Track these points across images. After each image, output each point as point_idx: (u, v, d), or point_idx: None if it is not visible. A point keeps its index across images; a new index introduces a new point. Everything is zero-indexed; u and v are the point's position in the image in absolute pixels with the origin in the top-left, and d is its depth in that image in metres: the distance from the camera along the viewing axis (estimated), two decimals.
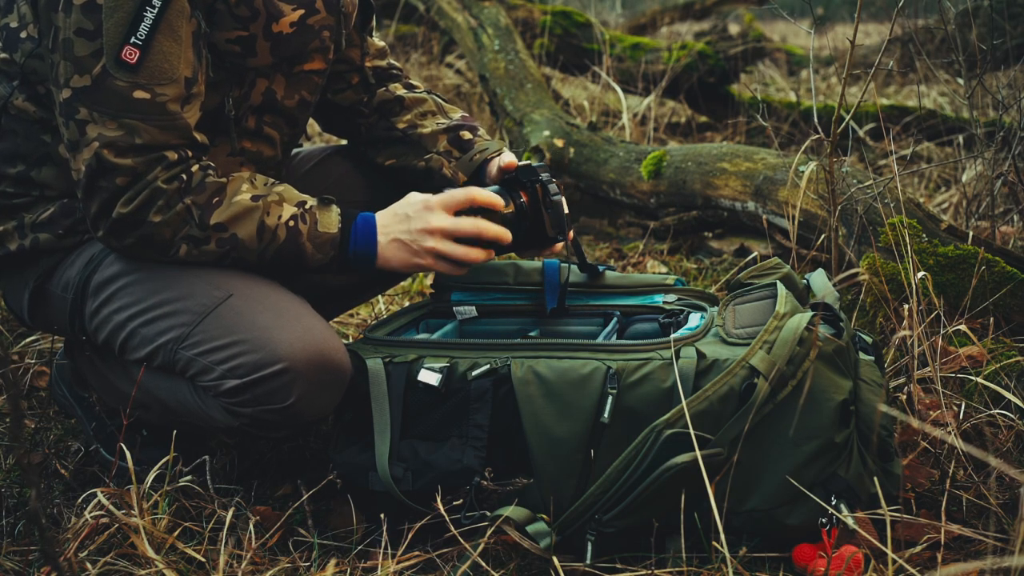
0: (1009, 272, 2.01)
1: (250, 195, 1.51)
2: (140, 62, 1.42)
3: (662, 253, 3.05)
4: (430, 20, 4.81)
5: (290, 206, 1.53)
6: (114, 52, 1.41)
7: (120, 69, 1.42)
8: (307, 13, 1.58)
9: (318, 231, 1.53)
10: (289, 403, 1.46)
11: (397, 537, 1.48)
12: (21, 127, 1.58)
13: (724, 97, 4.54)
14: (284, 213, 1.52)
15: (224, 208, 1.49)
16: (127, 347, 1.56)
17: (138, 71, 1.42)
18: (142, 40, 1.42)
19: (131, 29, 1.41)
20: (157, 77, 1.44)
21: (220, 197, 1.49)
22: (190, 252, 1.50)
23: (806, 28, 2.32)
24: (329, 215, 1.55)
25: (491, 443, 1.49)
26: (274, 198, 1.53)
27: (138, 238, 1.48)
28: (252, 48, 1.55)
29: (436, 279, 1.83)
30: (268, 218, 1.51)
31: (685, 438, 1.38)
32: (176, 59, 1.45)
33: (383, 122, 1.87)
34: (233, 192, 1.51)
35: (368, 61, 1.87)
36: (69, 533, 1.46)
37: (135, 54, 1.42)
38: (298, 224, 1.52)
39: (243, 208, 1.50)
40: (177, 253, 1.50)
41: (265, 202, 1.51)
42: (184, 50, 1.46)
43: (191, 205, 1.47)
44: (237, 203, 1.50)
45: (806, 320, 1.44)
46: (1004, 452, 1.68)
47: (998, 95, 2.79)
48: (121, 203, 1.45)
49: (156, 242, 1.49)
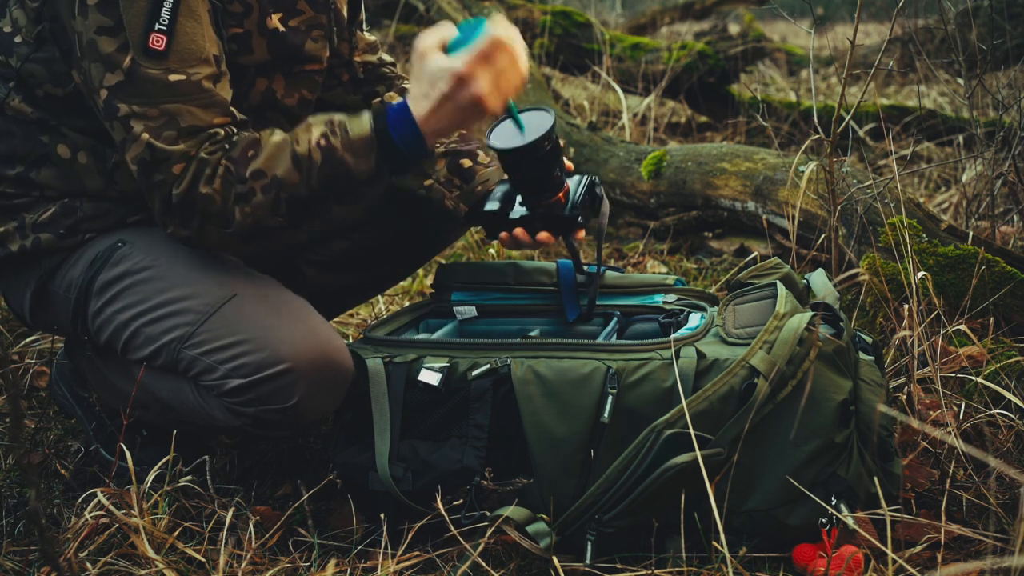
0: (1009, 272, 2.01)
1: (280, 136, 1.48)
2: (168, 47, 1.42)
3: (662, 253, 3.05)
4: (430, 20, 4.81)
5: (318, 126, 1.48)
6: (141, 42, 1.41)
7: (150, 58, 1.42)
8: (287, 15, 1.58)
9: (351, 138, 1.46)
10: (292, 403, 1.46)
11: (397, 537, 1.48)
12: (19, 128, 1.58)
13: (724, 97, 4.54)
14: (313, 135, 1.47)
15: (259, 156, 1.46)
16: (130, 346, 1.56)
17: (168, 56, 1.42)
18: (166, 25, 1.42)
19: (153, 16, 1.41)
20: (187, 59, 1.44)
21: (255, 149, 1.47)
22: (243, 212, 1.46)
23: (806, 28, 2.32)
24: (359, 120, 1.48)
25: (491, 443, 1.49)
26: (302, 127, 1.48)
27: (201, 216, 1.46)
28: (248, 45, 1.55)
29: (436, 279, 1.83)
30: (299, 147, 1.46)
31: (685, 438, 1.38)
32: (201, 39, 1.45)
33: None
34: (266, 139, 1.48)
35: (357, 56, 1.86)
36: (69, 533, 1.46)
37: (162, 40, 1.42)
38: (329, 140, 1.46)
39: (274, 147, 1.46)
40: (234, 218, 1.46)
41: (293, 133, 1.48)
42: (206, 29, 1.46)
43: (228, 164, 1.45)
44: (270, 145, 1.47)
45: (806, 320, 1.44)
46: (1004, 452, 1.68)
47: (998, 95, 2.79)
48: (173, 186, 1.44)
49: (212, 213, 1.46)
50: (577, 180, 1.67)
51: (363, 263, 1.94)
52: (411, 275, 2.85)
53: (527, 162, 1.54)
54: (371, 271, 1.97)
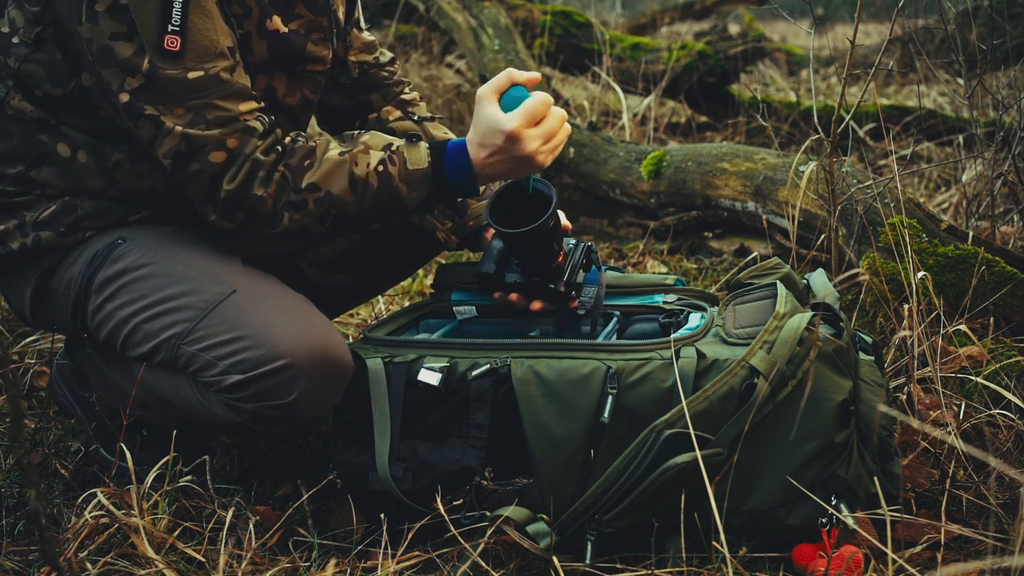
0: (1009, 272, 2.01)
1: (338, 151, 1.52)
2: (184, 47, 1.44)
3: (662, 253, 3.05)
4: (430, 20, 4.81)
5: (376, 151, 1.53)
6: (156, 44, 1.43)
7: (166, 59, 1.43)
8: (286, 18, 1.59)
9: (408, 170, 1.52)
10: (291, 399, 1.46)
11: (397, 537, 1.48)
12: (18, 127, 1.58)
13: (724, 97, 4.54)
14: (372, 160, 1.52)
15: (315, 168, 1.51)
16: (129, 343, 1.56)
17: (184, 56, 1.44)
18: (179, 25, 1.43)
19: (164, 18, 1.42)
20: (203, 56, 1.45)
21: (311, 159, 1.51)
22: (292, 218, 1.51)
23: (806, 28, 2.32)
24: (418, 151, 1.54)
25: (491, 443, 1.49)
26: (360, 148, 1.53)
27: (247, 213, 1.50)
28: (248, 46, 1.55)
29: (436, 279, 1.83)
30: (357, 168, 1.51)
31: (685, 438, 1.38)
32: (214, 33, 1.46)
33: None
34: (323, 152, 1.52)
35: (352, 55, 1.86)
36: (69, 533, 1.46)
37: (176, 41, 1.43)
38: (387, 168, 1.52)
39: (333, 164, 1.51)
40: (282, 222, 1.51)
41: (352, 154, 1.52)
42: (217, 22, 1.47)
43: (285, 172, 1.50)
44: (327, 160, 1.51)
45: (806, 320, 1.44)
46: (1004, 452, 1.68)
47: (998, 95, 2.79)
48: (226, 180, 1.48)
49: (262, 214, 1.51)
50: (574, 247, 1.69)
51: (363, 263, 1.94)
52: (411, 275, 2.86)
53: (528, 242, 1.57)
54: (371, 271, 1.97)
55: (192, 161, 1.46)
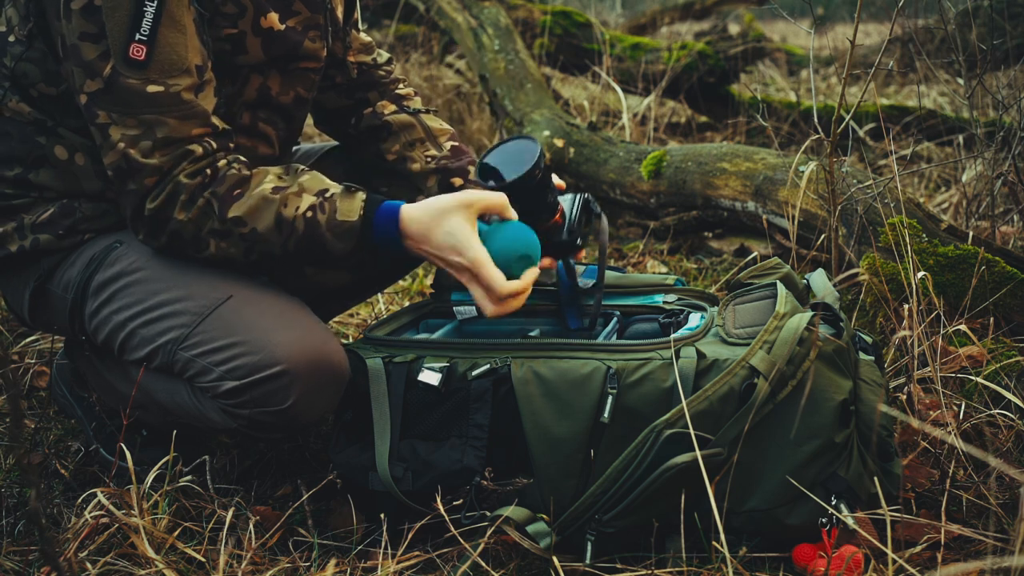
0: (1009, 272, 2.01)
1: (271, 186, 1.49)
2: (149, 57, 1.42)
3: (662, 253, 3.05)
4: (430, 20, 4.81)
5: (310, 196, 1.49)
6: (121, 51, 1.41)
7: (130, 67, 1.42)
8: (283, 15, 1.58)
9: (336, 220, 1.47)
10: (287, 405, 1.46)
11: (397, 537, 1.48)
12: (16, 130, 1.58)
13: (724, 97, 4.54)
14: (303, 204, 1.48)
15: (243, 201, 1.47)
16: (126, 347, 1.56)
17: (148, 67, 1.42)
18: (147, 35, 1.41)
19: (134, 26, 1.41)
20: (168, 70, 1.43)
21: (242, 189, 1.48)
22: (218, 246, 1.49)
23: (806, 28, 2.32)
24: (351, 202, 1.49)
25: (491, 443, 1.49)
26: (294, 189, 1.49)
27: (169, 235, 1.49)
28: (242, 45, 1.55)
29: (436, 279, 1.83)
30: (286, 210, 1.47)
31: (685, 438, 1.38)
32: (183, 49, 1.45)
33: (372, 147, 1.86)
34: (256, 184, 1.49)
35: (351, 56, 1.86)
36: (69, 533, 1.46)
37: (142, 50, 1.41)
38: (316, 215, 1.47)
39: (261, 200, 1.47)
40: (208, 250, 1.50)
41: (284, 194, 1.48)
42: (189, 39, 1.45)
43: (210, 198, 1.47)
44: (256, 195, 1.47)
45: (806, 320, 1.44)
46: (1004, 452, 1.68)
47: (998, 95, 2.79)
48: (148, 200, 1.46)
49: (186, 238, 1.49)
50: (571, 200, 1.68)
51: (363, 262, 1.94)
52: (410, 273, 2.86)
53: (518, 195, 1.54)
54: (370, 270, 1.97)
55: (130, 180, 1.45)
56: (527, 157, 1.54)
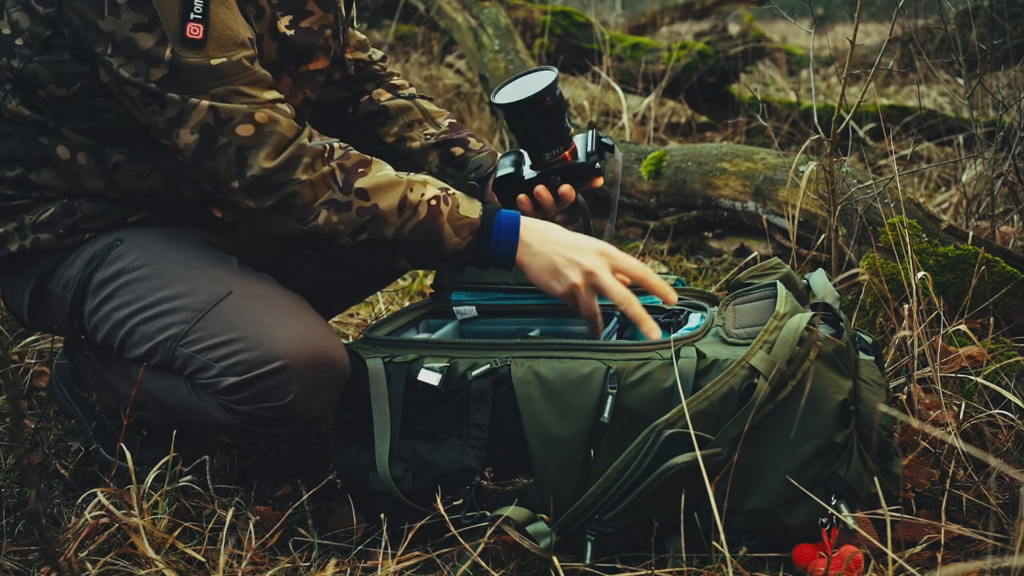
0: (1009, 272, 2.01)
1: (395, 171, 1.53)
2: (206, 35, 1.43)
3: (662, 253, 3.05)
4: (430, 20, 4.81)
5: (434, 187, 1.54)
6: (178, 33, 1.42)
7: (189, 47, 1.43)
8: (296, 17, 1.59)
9: (459, 214, 1.52)
10: (287, 401, 1.46)
11: (397, 537, 1.48)
12: (17, 130, 1.58)
13: (724, 97, 4.54)
14: (428, 192, 1.52)
15: (370, 176, 1.50)
16: (126, 345, 1.56)
17: (207, 44, 1.43)
18: (201, 14, 1.43)
19: (187, 7, 1.42)
20: (225, 44, 1.45)
21: (366, 168, 1.51)
22: (329, 219, 1.49)
23: (806, 28, 2.32)
24: (472, 203, 1.55)
25: (491, 443, 1.49)
26: (419, 178, 1.54)
27: (280, 199, 1.48)
28: (260, 48, 1.55)
29: (436, 279, 1.83)
30: (411, 193, 1.51)
31: (685, 438, 1.38)
32: (235, 23, 1.46)
33: (370, 133, 1.86)
34: (379, 167, 1.52)
35: (349, 53, 1.86)
36: (69, 533, 1.46)
37: (199, 29, 1.43)
38: (440, 204, 1.52)
39: (388, 180, 1.51)
40: (315, 220, 1.49)
41: (410, 179, 1.53)
42: (236, 14, 1.47)
43: (336, 168, 1.49)
44: (383, 175, 1.51)
45: (806, 320, 1.44)
46: (1004, 452, 1.68)
47: (998, 95, 2.79)
48: (264, 156, 1.45)
49: (297, 204, 1.48)
50: (584, 135, 1.71)
51: None
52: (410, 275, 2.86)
53: (532, 115, 1.58)
54: (371, 268, 1.97)
55: (220, 134, 1.44)
56: (540, 81, 1.59)
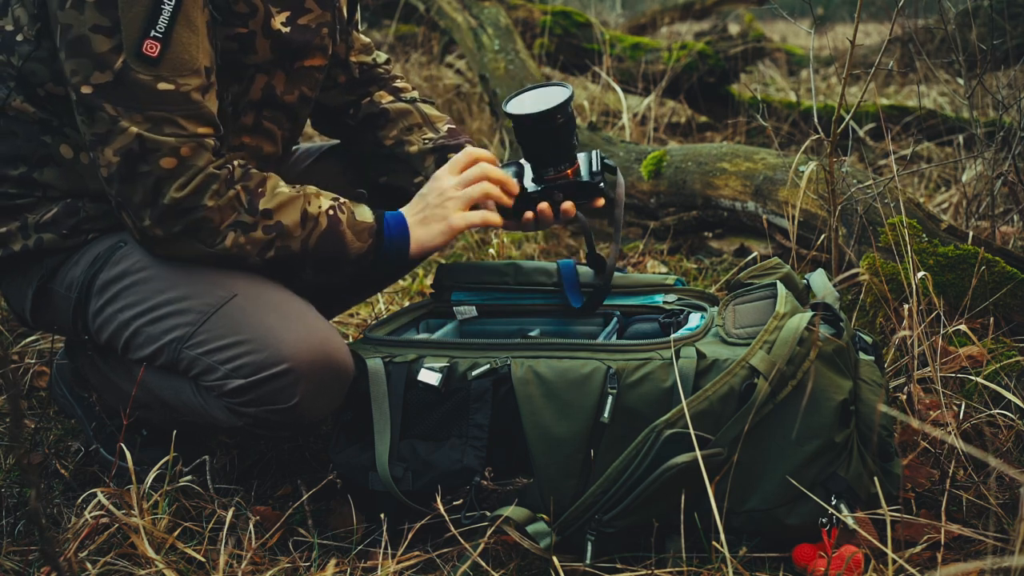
0: (1009, 272, 2.01)
1: (288, 187, 1.56)
2: (161, 55, 1.42)
3: (662, 253, 3.05)
4: (430, 20, 4.81)
5: (327, 199, 1.59)
6: (135, 47, 1.41)
7: (141, 63, 1.42)
8: (294, 14, 1.58)
9: (356, 219, 1.58)
10: (293, 403, 1.46)
11: (397, 537, 1.48)
12: (21, 129, 1.58)
13: (724, 97, 4.54)
14: (323, 203, 1.57)
15: (269, 196, 1.53)
16: (131, 346, 1.56)
17: (160, 64, 1.43)
18: (162, 33, 1.42)
19: (150, 22, 1.41)
20: (179, 69, 1.44)
21: (263, 188, 1.53)
22: (236, 240, 1.50)
23: (806, 28, 2.32)
24: (362, 209, 1.61)
25: (491, 443, 1.49)
26: (312, 191, 1.58)
27: (187, 225, 1.48)
28: (251, 45, 1.55)
29: (436, 279, 1.83)
30: (310, 207, 1.55)
31: (685, 438, 1.38)
32: (195, 49, 1.45)
33: (370, 135, 1.86)
34: (273, 185, 1.55)
35: (353, 56, 1.87)
36: (69, 533, 1.46)
37: (156, 47, 1.42)
38: (337, 213, 1.57)
39: (287, 197, 1.54)
40: (223, 243, 1.50)
41: (305, 193, 1.56)
42: (201, 40, 1.46)
43: (240, 191, 1.50)
44: (281, 192, 1.54)
45: (806, 320, 1.44)
46: (1004, 452, 1.68)
47: (998, 95, 2.79)
48: (175, 188, 1.45)
49: (204, 229, 1.49)
50: (586, 154, 1.73)
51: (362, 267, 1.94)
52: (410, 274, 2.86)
53: (542, 130, 1.59)
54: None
55: (143, 162, 1.44)
56: (555, 97, 1.60)
